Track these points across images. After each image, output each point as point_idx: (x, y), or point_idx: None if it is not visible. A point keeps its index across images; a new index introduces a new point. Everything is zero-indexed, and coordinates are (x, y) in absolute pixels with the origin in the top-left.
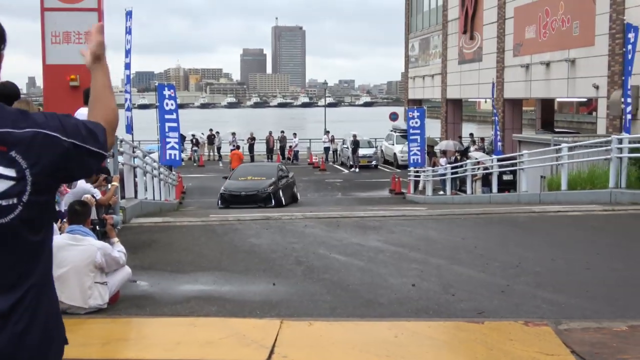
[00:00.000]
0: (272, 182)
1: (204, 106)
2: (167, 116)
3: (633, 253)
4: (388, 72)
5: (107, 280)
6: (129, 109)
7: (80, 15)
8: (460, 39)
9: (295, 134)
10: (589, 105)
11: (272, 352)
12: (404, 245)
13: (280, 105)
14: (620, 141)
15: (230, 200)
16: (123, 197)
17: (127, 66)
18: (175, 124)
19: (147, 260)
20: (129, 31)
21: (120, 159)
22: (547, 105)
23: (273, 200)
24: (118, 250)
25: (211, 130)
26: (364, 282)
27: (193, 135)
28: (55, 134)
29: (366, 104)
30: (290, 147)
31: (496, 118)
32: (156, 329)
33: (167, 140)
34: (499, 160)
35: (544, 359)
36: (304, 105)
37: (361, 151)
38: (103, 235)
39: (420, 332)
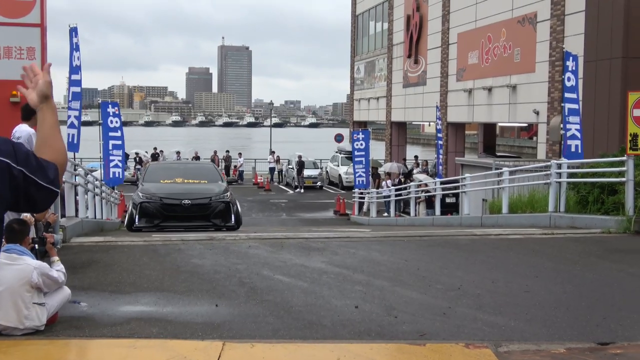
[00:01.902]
0: (225, 188)
1: (148, 124)
2: (111, 134)
3: (570, 276)
4: (334, 93)
5: (46, 301)
6: (72, 126)
7: (23, 31)
8: (405, 62)
9: (240, 154)
10: (530, 130)
11: None
12: (348, 267)
13: (226, 124)
14: (560, 166)
15: (159, 215)
16: (63, 216)
17: (78, 83)
18: (119, 142)
19: (86, 280)
20: (76, 48)
21: None
22: (489, 130)
23: (232, 216)
24: (57, 269)
25: (155, 148)
26: (307, 303)
27: (137, 154)
28: (6, 160)
29: (312, 125)
30: (235, 166)
31: (439, 142)
32: (95, 350)
33: (111, 158)
34: (442, 183)
35: None
36: (250, 125)
37: (306, 172)
38: (43, 255)
39: (363, 354)
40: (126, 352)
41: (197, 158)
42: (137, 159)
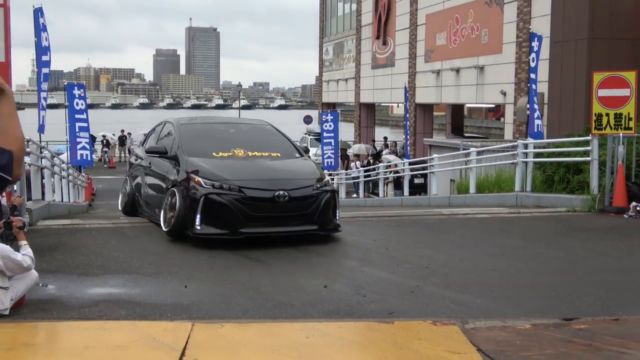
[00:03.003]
0: (317, 166)
1: (115, 107)
2: (77, 116)
3: (536, 254)
4: (302, 75)
5: (12, 285)
6: (44, 108)
7: None
8: (373, 44)
9: None
10: (497, 111)
11: (183, 354)
12: (317, 248)
13: (194, 106)
14: (526, 146)
15: (241, 215)
16: (30, 199)
17: (48, 64)
18: (85, 124)
19: (54, 263)
20: (44, 28)
21: (27, 159)
22: (457, 111)
23: (337, 213)
24: (23, 253)
25: (122, 131)
26: (277, 283)
27: (104, 136)
28: None
29: (281, 107)
30: None
31: (407, 123)
32: (63, 333)
33: (78, 140)
34: (410, 163)
35: (451, 357)
36: (218, 107)
37: None
38: (10, 239)
39: (332, 333)
40: (95, 334)
41: None
42: (104, 141)
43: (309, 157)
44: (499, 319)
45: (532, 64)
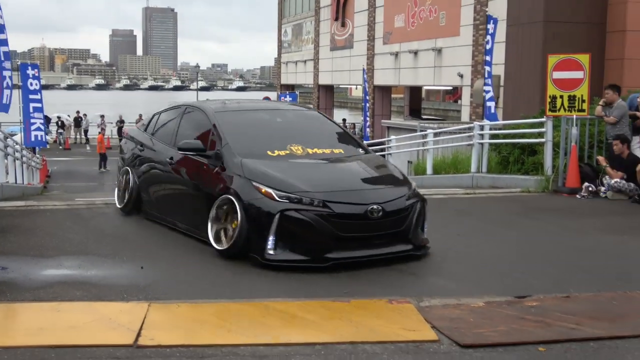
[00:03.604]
0: (400, 173)
1: (70, 88)
2: (31, 96)
3: (491, 234)
4: (261, 57)
5: None
6: (8, 87)
7: None
8: (332, 25)
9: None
10: (455, 94)
11: (139, 335)
12: None
13: (152, 88)
14: (482, 128)
15: (327, 236)
16: None
17: (5, 42)
18: (39, 105)
19: (7, 245)
20: None
21: None
22: (415, 93)
23: (425, 228)
24: None
25: (78, 112)
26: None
27: (59, 117)
28: None
29: (239, 89)
30: None
31: (366, 105)
32: (17, 314)
33: (32, 121)
34: (368, 145)
35: (406, 335)
36: (176, 88)
37: None
38: None
39: (288, 311)
40: (50, 315)
41: (121, 122)
42: (59, 123)
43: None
44: (453, 297)
45: (487, 47)
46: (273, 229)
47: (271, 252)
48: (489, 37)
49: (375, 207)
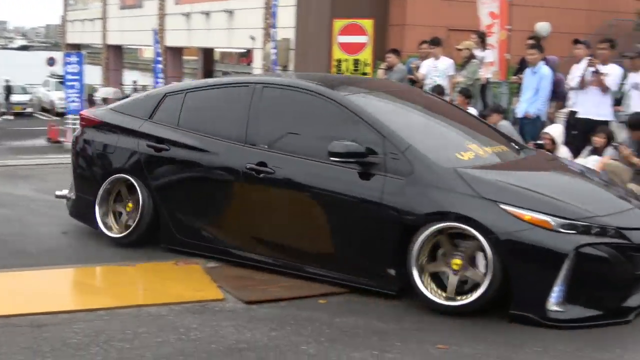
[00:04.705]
0: None
1: None
2: None
3: None
4: (46, 14)
5: None
6: None
7: None
8: None
9: None
10: (249, 57)
11: None
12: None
13: None
14: None
15: (622, 283)
16: None
17: None
18: None
19: None
20: None
21: None
22: (208, 55)
23: None
24: None
25: None
26: (13, 232)
27: None
28: None
29: (22, 48)
30: None
31: (157, 65)
32: None
33: None
34: None
35: (192, 295)
36: None
37: (15, 97)
38: None
39: (73, 278)
40: None
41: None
42: None
43: None
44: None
45: (273, 10)
46: (562, 275)
47: (557, 308)
48: (274, 1)
49: None
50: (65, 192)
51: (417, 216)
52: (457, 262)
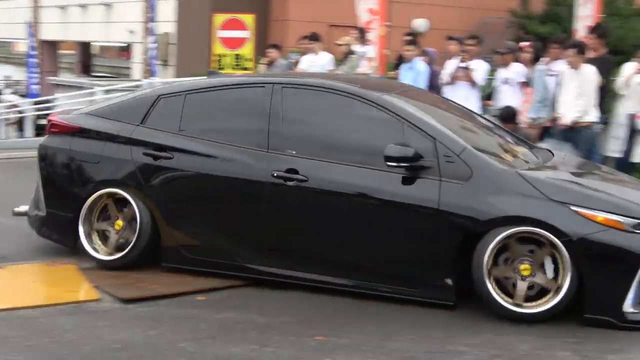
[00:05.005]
0: None
1: None
2: None
3: None
4: None
5: None
6: None
7: None
8: None
9: None
10: (130, 51)
11: None
12: None
13: None
14: (151, 85)
15: None
16: None
17: None
18: None
19: None
20: None
21: None
22: (85, 49)
23: None
24: None
25: None
26: None
27: None
28: None
29: None
30: None
31: (31, 60)
32: None
33: None
34: (35, 103)
35: (67, 296)
36: None
37: None
38: None
39: None
40: None
41: None
42: None
43: None
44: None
45: (152, 2)
46: (638, 276)
47: (634, 310)
48: None
49: None
50: (24, 208)
51: (482, 222)
52: (526, 267)
